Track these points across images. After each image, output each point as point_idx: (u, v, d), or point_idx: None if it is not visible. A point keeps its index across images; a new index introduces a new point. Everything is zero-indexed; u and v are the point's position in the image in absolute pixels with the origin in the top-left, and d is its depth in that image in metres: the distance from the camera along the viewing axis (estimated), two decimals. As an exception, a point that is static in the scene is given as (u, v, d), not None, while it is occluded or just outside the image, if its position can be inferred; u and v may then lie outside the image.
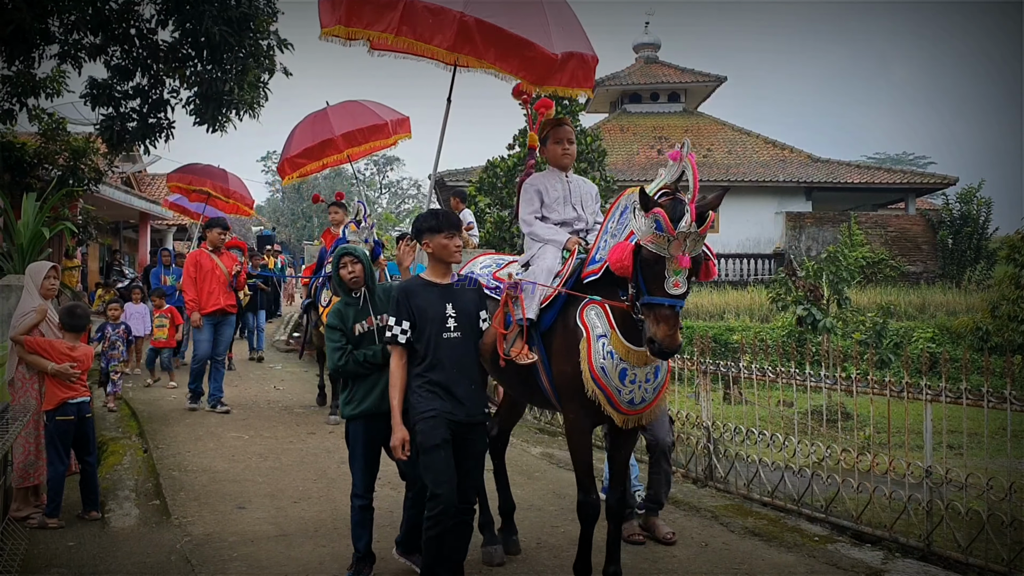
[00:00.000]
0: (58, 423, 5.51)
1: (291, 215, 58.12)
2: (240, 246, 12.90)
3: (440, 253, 4.09)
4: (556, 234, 4.64)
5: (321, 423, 8.88)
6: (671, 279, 3.62)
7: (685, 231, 3.57)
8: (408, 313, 4.01)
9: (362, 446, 4.50)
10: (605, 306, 4.07)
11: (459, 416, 3.97)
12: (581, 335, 4.10)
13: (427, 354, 3.98)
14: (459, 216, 4.02)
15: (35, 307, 5.65)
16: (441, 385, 3.96)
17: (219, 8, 10.02)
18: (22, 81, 10.66)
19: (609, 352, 3.99)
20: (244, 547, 5.08)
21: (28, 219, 9.49)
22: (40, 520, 5.46)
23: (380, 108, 9.35)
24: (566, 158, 4.80)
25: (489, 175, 13.51)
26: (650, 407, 4.17)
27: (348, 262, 4.57)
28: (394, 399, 3.99)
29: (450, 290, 4.11)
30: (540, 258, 4.54)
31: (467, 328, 4.08)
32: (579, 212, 4.79)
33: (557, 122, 4.82)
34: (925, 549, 4.98)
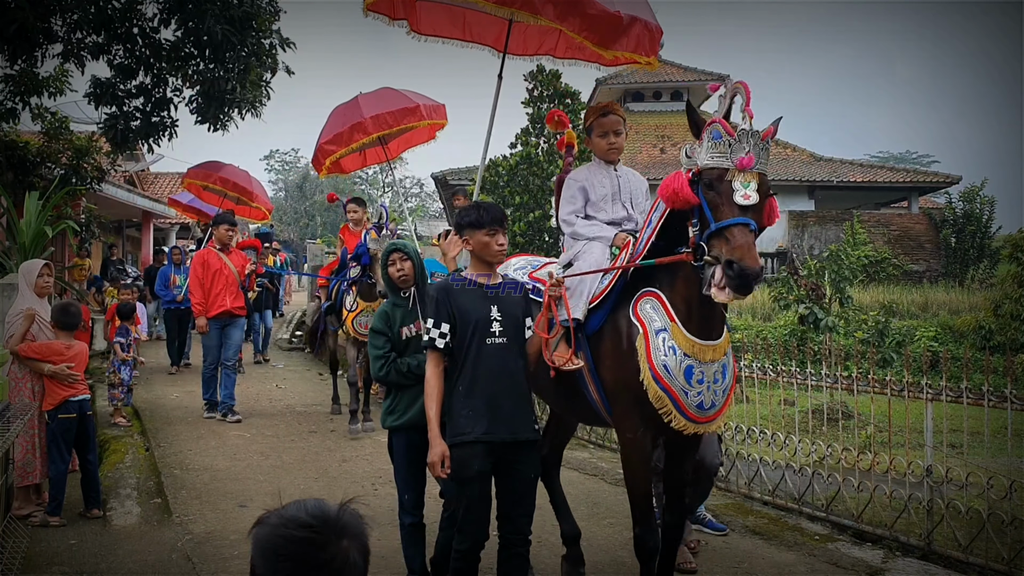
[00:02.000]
0: (60, 421, 5.52)
1: (294, 213, 58.14)
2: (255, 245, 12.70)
3: (481, 252, 3.66)
4: (602, 231, 4.18)
5: (323, 421, 8.89)
6: (740, 191, 3.24)
7: (746, 128, 3.27)
8: (449, 314, 3.57)
9: (407, 459, 4.13)
10: (662, 298, 3.65)
11: (502, 436, 3.51)
12: (637, 332, 3.65)
13: (468, 362, 3.55)
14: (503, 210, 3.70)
15: (23, 311, 5.61)
16: (483, 398, 3.51)
17: (221, 7, 10.02)
18: (25, 80, 10.68)
19: (671, 347, 3.54)
20: (245, 545, 5.02)
21: (31, 218, 9.51)
22: (42, 518, 5.47)
23: (413, 94, 8.93)
24: (613, 152, 4.30)
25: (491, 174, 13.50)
26: (721, 413, 3.69)
27: (397, 259, 4.25)
28: (430, 410, 3.57)
29: (495, 291, 3.68)
30: (586, 254, 4.12)
31: (513, 334, 3.63)
32: (629, 211, 4.30)
33: (602, 110, 4.31)
34: (926, 548, 4.98)
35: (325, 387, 11.48)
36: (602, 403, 3.88)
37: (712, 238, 3.28)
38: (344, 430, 8.42)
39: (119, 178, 18.66)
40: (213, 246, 9.10)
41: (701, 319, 3.56)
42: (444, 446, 3.50)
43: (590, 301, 3.91)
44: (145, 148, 11.81)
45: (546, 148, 13.22)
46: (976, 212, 25.84)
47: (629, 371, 3.64)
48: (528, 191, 12.85)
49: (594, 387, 3.87)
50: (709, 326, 3.59)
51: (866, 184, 27.53)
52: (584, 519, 4.72)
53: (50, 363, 5.50)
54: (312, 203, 59.20)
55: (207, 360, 8.84)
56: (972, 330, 16.80)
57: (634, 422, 3.70)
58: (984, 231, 25.73)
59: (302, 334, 17.20)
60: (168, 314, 12.42)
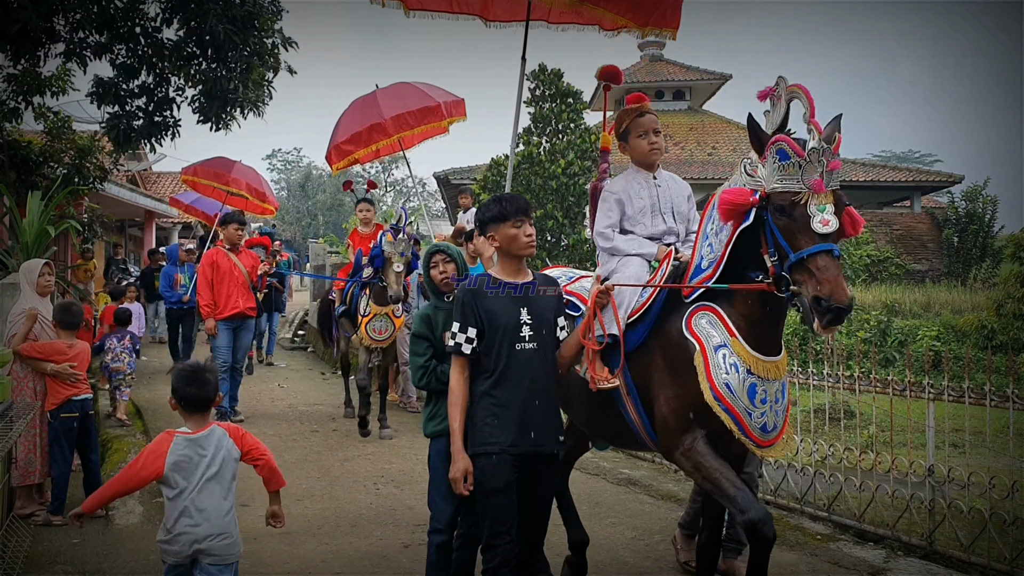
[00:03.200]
0: (63, 420, 5.53)
1: (296, 213, 58.21)
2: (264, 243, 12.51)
3: (509, 246, 3.43)
4: (642, 247, 3.94)
5: (324, 420, 8.90)
6: (817, 217, 3.00)
7: (816, 147, 3.02)
8: (475, 318, 3.37)
9: (445, 468, 3.71)
10: (719, 312, 3.40)
11: (528, 447, 3.32)
12: (692, 348, 3.40)
13: (495, 368, 3.34)
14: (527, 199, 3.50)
15: (26, 311, 5.61)
16: (510, 407, 3.32)
17: (223, 6, 10.02)
18: (27, 79, 10.68)
19: (733, 364, 3.30)
20: (247, 544, 5.04)
21: (33, 217, 9.50)
22: (44, 517, 5.49)
23: (433, 89, 8.63)
24: (654, 154, 4.04)
25: (493, 173, 13.50)
26: (781, 435, 3.45)
27: (440, 261, 4.03)
28: (454, 421, 3.37)
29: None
30: (625, 267, 3.88)
31: (543, 338, 3.42)
32: (670, 223, 4.03)
33: (638, 110, 4.07)
34: (927, 548, 4.97)
35: (327, 386, 11.51)
36: (642, 424, 3.65)
37: (794, 269, 3.06)
38: (345, 430, 8.43)
39: (122, 177, 18.70)
40: (222, 246, 8.83)
41: (763, 334, 3.36)
42: (468, 461, 3.31)
43: (628, 316, 3.68)
44: (148, 148, 11.80)
45: (548, 147, 13.21)
46: (979, 211, 25.81)
47: (684, 390, 3.41)
48: (530, 191, 12.84)
49: (633, 407, 3.65)
50: (771, 341, 3.40)
51: (868, 183, 27.51)
52: (586, 519, 4.72)
53: (52, 363, 5.51)
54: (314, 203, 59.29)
55: (217, 361, 8.41)
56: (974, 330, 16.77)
57: (687, 436, 3.43)
58: (987, 230, 25.70)
59: (304, 333, 17.23)
60: (170, 314, 12.32)
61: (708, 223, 3.55)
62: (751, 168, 3.18)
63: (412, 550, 4.99)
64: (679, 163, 25.75)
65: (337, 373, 12.56)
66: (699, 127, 29.78)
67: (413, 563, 4.77)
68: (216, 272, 8.49)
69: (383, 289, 7.68)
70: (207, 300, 8.43)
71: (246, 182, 12.38)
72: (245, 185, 12.33)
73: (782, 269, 3.12)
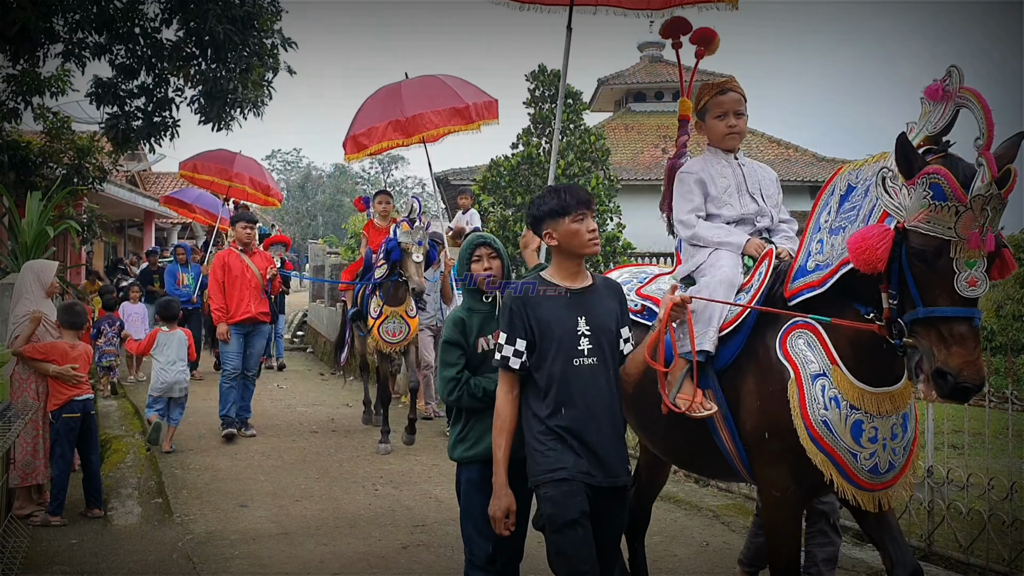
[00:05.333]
0: (65, 421, 5.53)
1: (295, 213, 58.23)
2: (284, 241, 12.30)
3: (569, 244, 2.95)
4: (730, 235, 3.45)
5: (323, 421, 8.90)
6: (963, 274, 2.48)
7: (983, 194, 2.42)
8: (526, 328, 2.92)
9: (481, 499, 3.25)
10: (820, 332, 2.94)
11: (597, 478, 2.85)
12: (787, 375, 2.95)
13: (551, 387, 2.88)
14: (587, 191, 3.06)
15: (30, 314, 5.61)
16: (571, 432, 2.85)
17: (223, 7, 10.03)
18: (27, 80, 10.68)
19: (833, 398, 2.85)
20: (246, 545, 5.09)
21: (32, 218, 9.49)
22: (43, 518, 5.48)
23: (464, 87, 7.99)
24: (732, 138, 3.58)
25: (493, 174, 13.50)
26: (902, 475, 2.97)
27: (485, 255, 3.44)
28: (499, 449, 2.92)
29: (582, 297, 2.98)
30: (713, 267, 3.37)
31: (605, 351, 2.95)
32: (760, 203, 3.58)
33: (720, 87, 3.59)
34: (926, 549, 4.96)
35: (327, 387, 11.51)
36: (738, 454, 3.17)
37: (918, 324, 2.58)
38: (344, 430, 8.43)
39: (121, 178, 18.69)
40: (235, 247, 8.28)
41: (873, 360, 2.86)
42: (511, 498, 2.89)
43: (721, 328, 3.19)
44: (147, 148, 11.81)
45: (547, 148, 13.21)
46: (978, 212, 25.81)
47: (777, 417, 2.97)
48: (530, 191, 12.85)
49: (728, 434, 3.16)
50: (884, 368, 2.87)
51: (868, 184, 27.50)
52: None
53: (54, 363, 5.51)
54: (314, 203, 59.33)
55: (226, 369, 7.99)
56: (974, 331, 16.80)
57: (783, 479, 3.00)
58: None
59: (303, 334, 17.23)
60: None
61: (823, 211, 3.05)
62: (892, 185, 2.62)
63: (410, 551, 4.99)
64: (679, 164, 25.71)
65: (337, 374, 12.56)
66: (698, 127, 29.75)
67: (411, 564, 4.77)
68: (228, 274, 7.98)
69: (399, 285, 7.20)
70: (219, 304, 7.93)
71: (249, 176, 12.15)
72: (248, 179, 12.10)
73: (901, 316, 2.64)
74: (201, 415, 8.88)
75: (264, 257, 8.42)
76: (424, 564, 4.78)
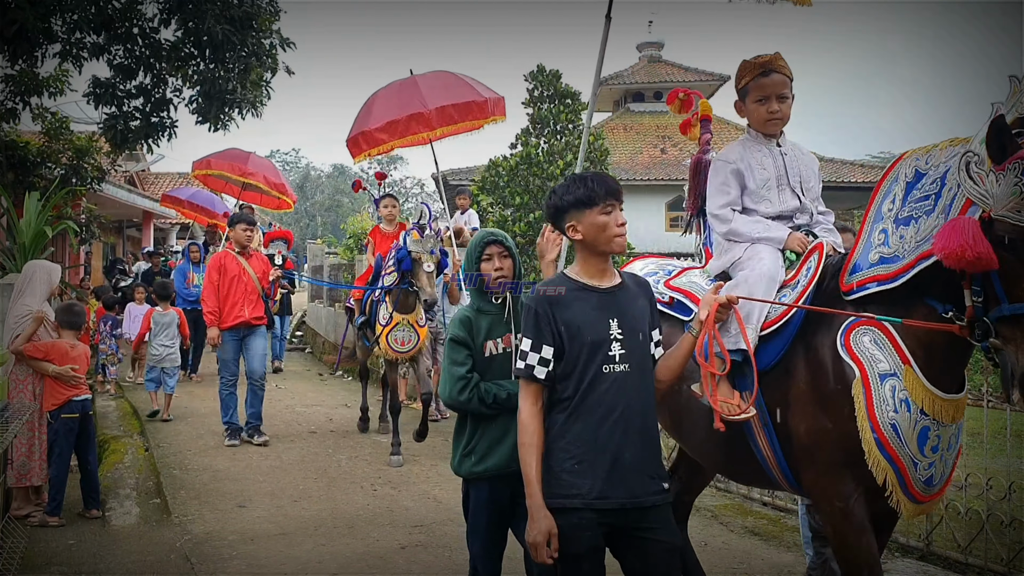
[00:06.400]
0: (63, 421, 5.53)
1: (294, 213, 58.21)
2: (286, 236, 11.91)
3: (596, 238, 2.66)
4: (769, 229, 3.24)
5: (322, 421, 8.89)
6: None
7: None
8: (552, 333, 2.62)
9: (488, 519, 3.12)
10: (889, 330, 2.73)
11: (619, 499, 2.58)
12: (852, 374, 2.75)
13: (576, 397, 2.61)
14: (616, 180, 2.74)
15: (32, 313, 5.60)
16: (597, 446, 2.58)
17: (221, 7, 10.03)
18: (25, 80, 10.69)
19: (904, 400, 2.65)
20: (244, 545, 5.09)
21: (31, 218, 9.49)
22: (41, 518, 5.48)
23: (475, 83, 7.78)
24: (774, 123, 3.31)
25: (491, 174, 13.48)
26: (944, 490, 2.86)
27: (495, 253, 3.25)
28: (530, 468, 2.61)
29: (612, 297, 2.69)
30: (752, 260, 3.17)
31: (638, 356, 2.67)
32: (801, 199, 3.34)
33: (763, 67, 3.28)
34: (924, 549, 4.97)
35: (325, 387, 11.51)
36: (776, 462, 2.99)
37: (1004, 322, 2.41)
38: (342, 431, 8.42)
39: (119, 178, 18.68)
40: (232, 248, 8.01)
41: (945, 364, 2.68)
42: (551, 520, 2.55)
43: (762, 327, 3.01)
44: (145, 148, 11.80)
45: (546, 148, 13.20)
46: (977, 212, 25.83)
47: (837, 423, 2.77)
48: (529, 191, 12.83)
49: (766, 441, 2.99)
50: (953, 374, 2.72)
51: (867, 184, 27.48)
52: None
53: (53, 363, 5.50)
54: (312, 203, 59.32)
55: (224, 376, 7.79)
56: (972, 331, 16.79)
57: (844, 488, 2.79)
58: (984, 231, 25.72)
59: (302, 334, 17.23)
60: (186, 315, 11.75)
61: (884, 200, 2.83)
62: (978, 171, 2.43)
63: (408, 551, 4.99)
64: (678, 164, 25.75)
65: (336, 374, 12.57)
66: (697, 128, 29.76)
67: (410, 564, 4.77)
68: (223, 277, 7.72)
69: (407, 295, 6.93)
70: (211, 307, 7.68)
71: (263, 174, 11.89)
72: (263, 177, 11.79)
73: (985, 314, 2.46)
74: (199, 416, 8.89)
75: (262, 260, 8.19)
76: (422, 564, 4.78)
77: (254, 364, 7.84)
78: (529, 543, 2.58)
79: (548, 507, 2.57)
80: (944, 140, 2.71)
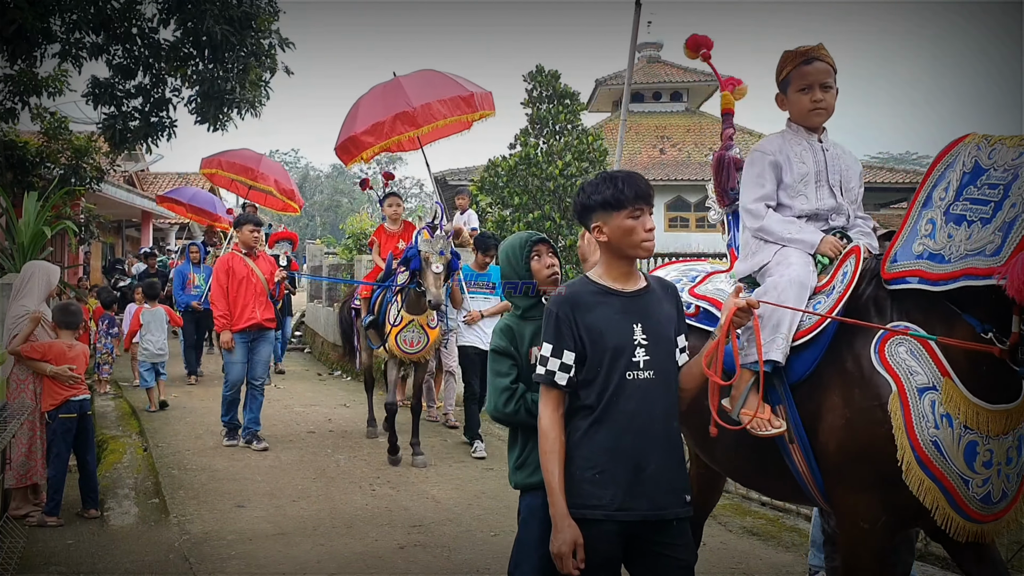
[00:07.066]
0: (61, 421, 5.52)
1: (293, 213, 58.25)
2: (291, 238, 11.88)
3: (620, 242, 2.58)
4: (802, 231, 3.06)
5: (320, 421, 8.89)
6: None
7: None
8: (574, 338, 2.57)
9: (538, 530, 2.92)
10: (927, 340, 2.56)
11: (642, 511, 2.51)
12: (888, 389, 2.58)
13: (599, 405, 2.54)
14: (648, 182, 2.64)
15: (30, 314, 5.60)
16: (619, 456, 2.51)
17: (220, 7, 10.04)
18: (24, 80, 10.70)
19: (944, 416, 2.49)
20: (242, 545, 5.09)
21: (29, 218, 9.51)
22: (39, 518, 5.47)
23: (461, 79, 7.69)
24: (817, 115, 3.12)
25: (490, 174, 13.50)
26: (1013, 505, 2.61)
27: (544, 250, 3.14)
28: (553, 476, 2.55)
29: (638, 301, 2.62)
30: (781, 266, 3.01)
31: (662, 362, 2.59)
32: (838, 199, 3.16)
33: (805, 56, 3.11)
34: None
35: (324, 387, 11.50)
36: (813, 479, 2.83)
37: None
38: (341, 431, 8.42)
39: (118, 178, 18.69)
40: (238, 250, 7.88)
41: (991, 373, 2.49)
42: (576, 530, 2.49)
43: (793, 336, 2.83)
44: (144, 148, 11.81)
45: (545, 149, 13.22)
46: (975, 213, 25.84)
47: (871, 438, 2.61)
48: (527, 192, 12.85)
49: (801, 456, 2.82)
50: (1002, 381, 2.51)
51: (866, 184, 27.51)
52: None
53: (51, 363, 5.50)
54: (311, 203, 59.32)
55: (229, 378, 7.68)
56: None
57: (872, 509, 2.63)
58: (983, 232, 25.74)
59: (301, 334, 17.23)
60: (185, 316, 11.41)
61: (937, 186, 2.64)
62: None
63: (407, 551, 4.98)
64: (677, 164, 25.79)
65: (334, 374, 12.57)
66: (696, 128, 29.82)
67: (408, 564, 4.77)
68: (231, 279, 7.60)
69: (417, 295, 6.80)
70: (222, 310, 7.56)
71: (275, 179, 11.78)
72: (274, 182, 11.71)
73: None
74: (198, 415, 8.89)
75: (268, 261, 8.08)
76: (421, 564, 4.78)
77: (257, 370, 7.77)
78: (553, 553, 2.51)
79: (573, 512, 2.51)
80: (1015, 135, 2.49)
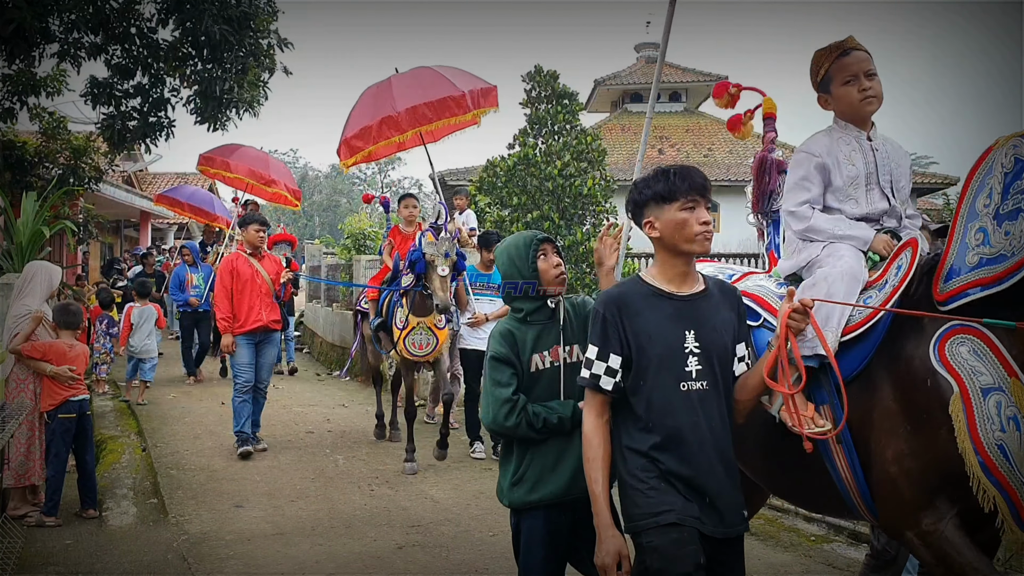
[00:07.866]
0: (60, 421, 5.53)
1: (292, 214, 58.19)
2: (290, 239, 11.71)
3: (673, 237, 2.45)
4: (852, 228, 2.92)
5: (319, 421, 8.89)
6: None
7: None
8: (621, 341, 2.42)
9: (543, 551, 2.80)
10: (990, 338, 2.40)
11: (710, 527, 2.36)
12: (949, 389, 2.41)
13: (651, 416, 2.40)
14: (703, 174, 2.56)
15: (32, 313, 5.60)
16: (675, 474, 2.37)
17: (219, 7, 10.04)
18: (23, 80, 10.68)
19: (1012, 418, 2.33)
20: (241, 545, 5.09)
21: (28, 218, 9.49)
22: (37, 518, 5.47)
23: (459, 76, 7.42)
24: (869, 103, 2.94)
25: (489, 174, 13.48)
26: None
27: (549, 249, 2.98)
28: (596, 484, 2.42)
29: (692, 305, 2.47)
30: (832, 258, 2.86)
31: (718, 373, 2.44)
32: (891, 200, 3.00)
33: (841, 49, 2.98)
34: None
35: (323, 387, 11.50)
36: (856, 485, 2.65)
37: None
38: (339, 430, 8.42)
39: (117, 178, 18.69)
40: (243, 250, 7.67)
41: None
42: (621, 540, 2.37)
43: (843, 331, 2.69)
44: (143, 148, 11.81)
45: (544, 149, 13.21)
46: (974, 213, 25.85)
47: (930, 445, 2.46)
48: (526, 192, 12.84)
49: (846, 463, 2.64)
50: None
51: (864, 185, 27.55)
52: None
53: (51, 363, 5.50)
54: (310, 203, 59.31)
55: (238, 382, 7.39)
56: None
57: (934, 513, 2.47)
58: (982, 232, 25.74)
59: (300, 334, 17.22)
60: (183, 317, 11.33)
61: (979, 195, 2.53)
62: None
63: (406, 551, 4.98)
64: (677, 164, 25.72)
65: (333, 374, 12.57)
66: (695, 128, 29.84)
67: (407, 564, 4.77)
68: (236, 280, 7.36)
69: (424, 298, 6.65)
70: (225, 313, 7.33)
71: (284, 182, 11.85)
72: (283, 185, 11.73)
73: None
74: (197, 416, 8.88)
75: (274, 261, 7.85)
76: (419, 564, 4.78)
77: (262, 374, 7.60)
78: (598, 566, 2.37)
79: (639, 528, 2.36)
80: None
